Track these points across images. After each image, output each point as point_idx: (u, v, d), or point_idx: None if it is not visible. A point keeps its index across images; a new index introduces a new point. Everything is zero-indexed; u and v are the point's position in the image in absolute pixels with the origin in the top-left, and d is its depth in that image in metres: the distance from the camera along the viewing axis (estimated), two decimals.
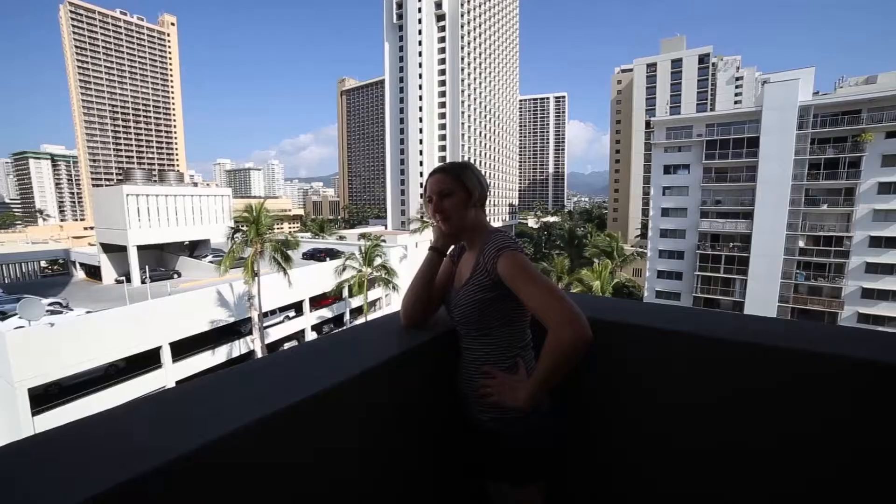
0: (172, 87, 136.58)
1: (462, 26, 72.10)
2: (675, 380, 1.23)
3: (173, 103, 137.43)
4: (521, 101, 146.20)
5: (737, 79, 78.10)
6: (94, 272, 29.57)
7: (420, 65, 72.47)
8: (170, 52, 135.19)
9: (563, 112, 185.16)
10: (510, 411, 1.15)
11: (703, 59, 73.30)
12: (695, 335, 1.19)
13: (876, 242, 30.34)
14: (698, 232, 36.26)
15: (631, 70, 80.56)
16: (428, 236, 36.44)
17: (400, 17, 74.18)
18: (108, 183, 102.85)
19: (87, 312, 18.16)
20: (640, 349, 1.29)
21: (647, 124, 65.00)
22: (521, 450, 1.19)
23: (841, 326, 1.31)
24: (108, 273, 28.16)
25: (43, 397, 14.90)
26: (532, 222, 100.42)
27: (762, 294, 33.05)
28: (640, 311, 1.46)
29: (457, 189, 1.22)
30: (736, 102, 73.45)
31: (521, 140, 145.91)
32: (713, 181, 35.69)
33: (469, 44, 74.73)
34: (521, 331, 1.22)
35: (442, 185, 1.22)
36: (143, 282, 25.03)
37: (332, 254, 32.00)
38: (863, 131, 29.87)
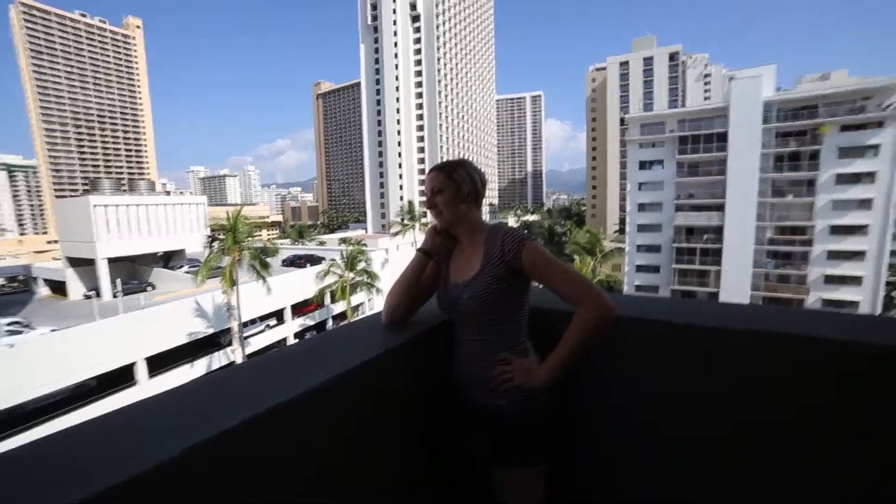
0: (140, 92, 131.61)
1: (437, 27, 72.26)
2: (663, 369, 1.28)
3: (141, 109, 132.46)
4: (497, 100, 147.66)
5: (705, 76, 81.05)
6: (59, 288, 28.08)
7: (396, 66, 72.24)
8: (136, 56, 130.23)
9: (540, 111, 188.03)
10: (522, 394, 1.21)
11: (673, 56, 75.78)
12: (676, 323, 1.25)
13: (836, 231, 32.04)
14: (674, 226, 37.37)
15: (605, 68, 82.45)
16: (409, 239, 36.37)
17: (375, 18, 73.78)
18: (72, 194, 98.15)
19: (52, 331, 17.25)
20: (630, 339, 1.32)
21: (622, 121, 66.74)
22: (533, 430, 1.24)
23: (802, 309, 1.39)
24: (76, 288, 26.80)
25: None
26: (512, 221, 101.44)
27: (736, 284, 34.33)
28: (625, 302, 1.47)
29: (447, 185, 1.27)
30: (706, 98, 76.20)
31: (499, 139, 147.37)
32: (686, 175, 36.88)
33: (444, 44, 74.97)
34: (525, 321, 1.30)
35: (434, 183, 1.28)
36: (114, 296, 23.96)
37: (313, 260, 31.43)
38: (820, 125, 31.53)
